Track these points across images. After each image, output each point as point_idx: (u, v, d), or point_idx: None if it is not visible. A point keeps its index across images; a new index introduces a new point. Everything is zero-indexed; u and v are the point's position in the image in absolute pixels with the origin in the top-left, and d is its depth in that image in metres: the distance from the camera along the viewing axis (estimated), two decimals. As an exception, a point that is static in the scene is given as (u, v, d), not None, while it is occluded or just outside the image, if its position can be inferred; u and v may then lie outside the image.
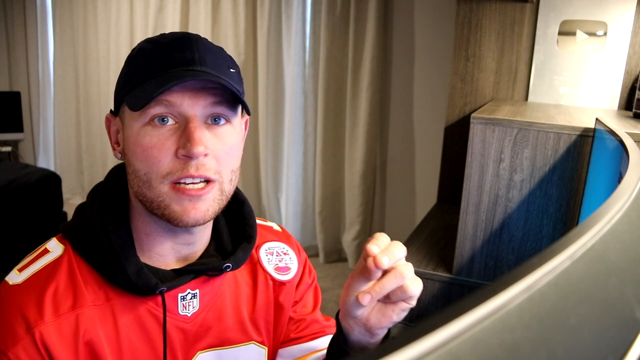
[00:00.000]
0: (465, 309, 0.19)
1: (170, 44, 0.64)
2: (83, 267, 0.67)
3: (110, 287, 0.67)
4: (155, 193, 0.63)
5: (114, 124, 0.71)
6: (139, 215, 0.69)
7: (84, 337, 0.64)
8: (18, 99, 4.22)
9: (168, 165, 0.62)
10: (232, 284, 0.77)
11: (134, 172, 0.64)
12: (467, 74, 2.15)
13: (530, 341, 0.20)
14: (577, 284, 0.24)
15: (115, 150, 0.70)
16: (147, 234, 0.69)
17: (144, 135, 0.62)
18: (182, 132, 0.62)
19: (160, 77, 0.62)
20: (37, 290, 0.64)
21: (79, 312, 0.64)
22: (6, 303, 0.64)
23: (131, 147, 0.64)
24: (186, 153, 0.61)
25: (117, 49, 4.01)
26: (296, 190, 3.53)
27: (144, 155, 0.62)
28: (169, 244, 0.70)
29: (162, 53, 0.64)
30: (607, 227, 0.29)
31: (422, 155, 3.25)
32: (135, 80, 0.64)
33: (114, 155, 0.71)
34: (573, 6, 1.96)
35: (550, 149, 1.33)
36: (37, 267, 0.67)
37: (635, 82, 1.92)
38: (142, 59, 0.65)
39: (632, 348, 0.25)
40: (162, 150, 0.62)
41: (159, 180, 0.62)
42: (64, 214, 3.07)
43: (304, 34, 3.36)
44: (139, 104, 0.61)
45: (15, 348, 0.61)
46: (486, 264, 1.46)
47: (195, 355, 0.72)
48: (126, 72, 0.67)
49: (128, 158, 0.65)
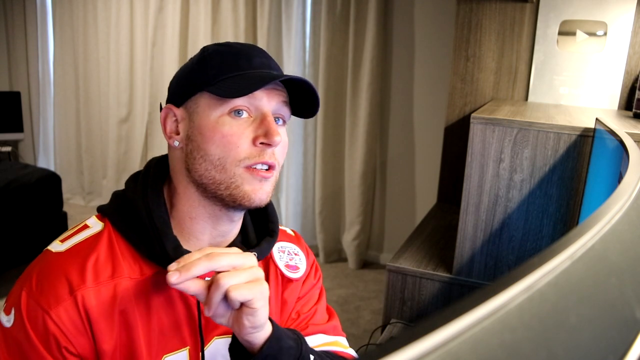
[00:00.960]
0: (465, 309, 0.19)
1: (247, 48, 0.74)
2: (121, 242, 0.72)
3: (145, 263, 0.72)
4: (228, 175, 0.70)
5: (176, 114, 0.75)
6: (187, 201, 0.74)
7: (120, 306, 0.68)
8: (18, 99, 4.22)
9: (245, 150, 0.70)
10: None
11: (204, 156, 0.70)
12: (467, 74, 2.15)
13: (530, 341, 0.20)
14: (577, 284, 0.24)
15: (172, 139, 0.74)
16: (191, 217, 0.74)
17: (222, 123, 0.70)
18: (260, 123, 0.71)
19: (249, 74, 0.71)
20: (79, 258, 0.69)
21: (117, 281, 0.69)
22: (51, 267, 0.68)
23: (207, 134, 0.70)
24: (267, 141, 0.70)
25: (117, 49, 4.01)
26: (296, 190, 3.53)
27: (223, 141, 0.69)
28: (209, 230, 0.75)
29: (245, 55, 0.73)
30: (607, 227, 0.29)
31: (422, 155, 3.25)
32: (220, 75, 0.71)
33: (170, 145, 0.75)
34: (573, 6, 1.96)
35: (550, 149, 1.33)
36: (79, 239, 0.72)
37: (635, 82, 1.92)
38: (225, 58, 0.72)
39: (632, 348, 0.25)
40: (242, 137, 0.70)
41: (235, 163, 0.70)
42: (64, 214, 3.07)
43: (304, 34, 3.36)
44: (234, 94, 0.68)
45: (57, 308, 0.65)
46: (486, 264, 1.46)
47: (212, 340, 0.77)
48: (202, 67, 0.73)
49: (198, 144, 0.71)
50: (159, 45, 3.86)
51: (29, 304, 0.65)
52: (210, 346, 0.77)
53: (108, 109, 4.15)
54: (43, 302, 0.65)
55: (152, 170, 0.77)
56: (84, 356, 0.67)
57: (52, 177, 2.98)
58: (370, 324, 2.66)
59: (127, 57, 3.98)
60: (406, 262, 1.59)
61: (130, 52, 3.98)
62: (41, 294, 0.66)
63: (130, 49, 3.98)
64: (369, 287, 3.15)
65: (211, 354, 0.77)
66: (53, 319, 0.64)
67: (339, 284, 3.18)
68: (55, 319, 0.64)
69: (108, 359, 0.67)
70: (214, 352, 0.77)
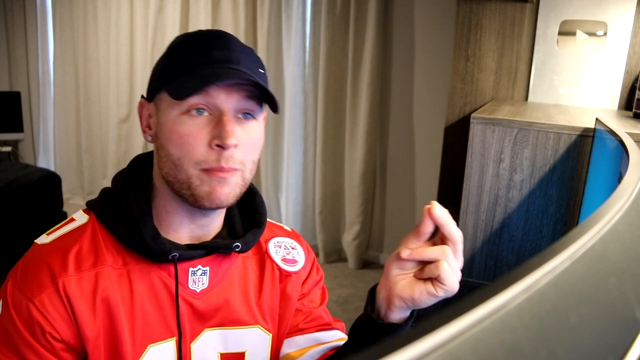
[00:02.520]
0: (465, 309, 0.19)
1: (209, 40, 0.71)
2: (105, 234, 0.73)
3: (128, 253, 0.73)
4: (186, 175, 0.69)
5: (147, 109, 0.75)
6: (162, 195, 0.75)
7: (102, 294, 0.69)
8: (18, 99, 4.22)
9: (201, 153, 0.68)
10: (241, 269, 0.81)
11: (166, 155, 0.70)
12: (467, 74, 2.15)
13: (530, 341, 0.20)
14: (577, 284, 0.24)
15: (146, 134, 0.75)
16: (167, 211, 0.75)
17: (180, 123, 0.68)
18: (216, 123, 0.68)
19: (201, 71, 0.68)
20: (62, 249, 0.71)
21: (99, 270, 0.70)
22: (35, 258, 0.71)
23: (166, 133, 0.70)
24: (220, 143, 0.67)
25: (117, 49, 4.01)
26: (296, 190, 3.53)
27: (180, 142, 0.68)
28: (186, 223, 0.76)
29: (202, 49, 0.70)
30: (607, 227, 0.29)
31: (422, 155, 3.25)
32: (176, 72, 0.69)
33: (144, 138, 0.76)
34: (573, 6, 1.96)
35: (550, 149, 1.33)
36: (64, 231, 0.74)
37: (635, 82, 1.92)
38: (184, 53, 0.71)
39: (632, 348, 0.25)
40: (198, 139, 0.68)
41: (191, 165, 0.68)
42: (64, 214, 3.07)
43: (304, 34, 3.36)
44: (183, 94, 0.67)
45: (40, 296, 0.66)
46: (486, 264, 1.46)
47: (203, 332, 0.77)
48: (166, 63, 0.72)
49: (161, 142, 0.71)
50: (159, 45, 3.86)
51: (14, 293, 0.67)
52: (200, 338, 0.77)
53: (108, 109, 4.15)
54: (27, 291, 0.67)
55: (136, 166, 0.78)
56: (68, 342, 0.68)
57: (52, 177, 2.98)
58: (370, 324, 2.65)
59: (127, 57, 3.98)
60: (406, 262, 1.59)
61: (130, 52, 3.98)
62: (25, 282, 0.68)
63: (130, 49, 3.97)
64: (369, 287, 3.15)
65: (201, 346, 0.77)
66: (36, 306, 0.66)
67: (339, 284, 3.18)
68: (38, 306, 0.66)
69: (92, 345, 0.68)
70: (204, 344, 0.77)
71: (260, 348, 0.81)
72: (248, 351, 0.80)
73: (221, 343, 0.78)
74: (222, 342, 0.78)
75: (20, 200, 2.77)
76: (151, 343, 0.73)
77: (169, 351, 0.74)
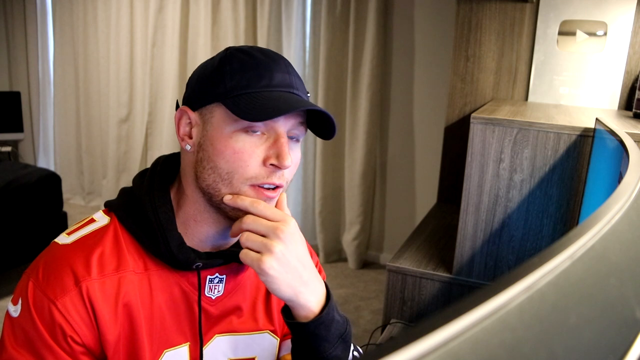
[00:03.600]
0: (465, 309, 0.19)
1: (269, 61, 0.71)
2: (127, 237, 0.73)
3: (149, 259, 0.73)
4: (234, 190, 0.70)
5: (190, 118, 0.73)
6: (192, 204, 0.75)
7: (124, 299, 0.70)
8: (18, 99, 4.22)
9: (254, 170, 0.69)
10: (253, 276, 0.83)
11: (213, 167, 0.70)
12: (467, 74, 2.15)
13: (530, 341, 0.20)
14: (577, 284, 0.24)
15: (185, 142, 0.73)
16: (196, 220, 0.75)
17: (236, 139, 0.69)
18: (272, 144, 0.70)
19: (270, 93, 0.69)
20: (85, 251, 0.70)
21: (121, 275, 0.70)
22: (57, 259, 0.70)
23: (218, 147, 0.69)
24: (278, 164, 0.69)
25: (117, 49, 4.01)
26: (296, 190, 3.53)
27: (234, 157, 0.69)
28: (212, 234, 0.76)
29: (264, 69, 0.70)
30: (607, 227, 0.29)
31: (422, 155, 3.25)
32: (238, 89, 0.69)
33: (182, 147, 0.74)
34: (573, 6, 1.96)
35: (550, 149, 1.33)
36: (85, 232, 0.73)
37: (635, 82, 1.92)
38: (244, 69, 0.70)
39: (632, 348, 0.25)
40: (253, 156, 0.69)
41: (242, 180, 0.69)
42: (64, 214, 3.07)
43: (304, 34, 3.36)
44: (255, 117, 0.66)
45: (63, 299, 0.66)
46: (486, 264, 1.46)
47: (213, 338, 0.78)
48: (221, 75, 0.70)
49: (208, 154, 0.70)
50: (159, 46, 3.86)
51: (36, 294, 0.67)
52: (211, 343, 0.78)
53: (108, 109, 4.15)
54: (49, 292, 0.66)
55: (159, 169, 0.77)
56: (88, 346, 0.68)
57: (52, 177, 2.97)
58: (370, 324, 2.66)
59: (127, 57, 3.98)
60: (406, 262, 1.59)
61: (130, 52, 3.98)
62: (47, 284, 0.67)
63: (130, 49, 3.97)
64: (369, 287, 3.15)
65: (212, 351, 0.78)
66: (59, 309, 0.66)
67: (339, 284, 3.18)
68: (61, 309, 0.66)
69: (112, 349, 0.69)
70: (214, 350, 0.78)
71: (269, 353, 0.83)
72: (258, 356, 0.82)
73: (231, 348, 0.79)
74: (232, 348, 0.79)
75: (20, 200, 2.77)
76: (167, 348, 0.74)
77: (183, 356, 0.75)
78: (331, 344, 0.70)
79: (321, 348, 0.70)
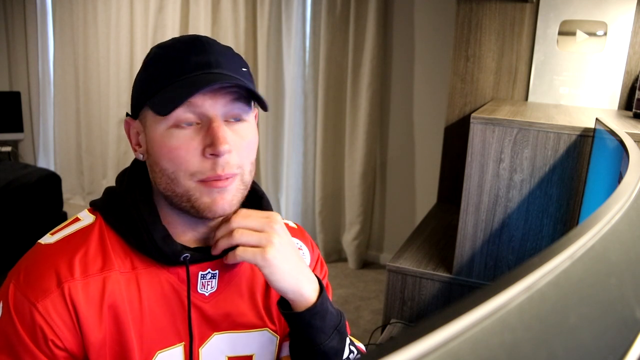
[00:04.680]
0: (465, 309, 0.19)
1: (184, 48, 0.68)
2: (112, 236, 0.71)
3: (136, 256, 0.71)
4: (184, 188, 0.68)
5: (134, 127, 0.73)
6: (161, 207, 0.73)
7: (109, 300, 0.67)
8: (18, 99, 4.22)
9: (195, 164, 0.66)
10: (249, 271, 0.81)
11: (160, 170, 0.68)
12: (467, 74, 2.15)
13: (530, 341, 0.20)
14: (577, 284, 0.24)
15: (137, 152, 0.73)
16: (168, 222, 0.73)
17: (169, 137, 0.66)
18: (206, 131, 0.66)
19: (182, 81, 0.66)
20: (69, 251, 0.68)
21: (106, 275, 0.68)
22: (39, 259, 0.68)
23: (157, 148, 0.68)
24: (213, 152, 0.65)
25: (117, 49, 4.01)
26: (296, 190, 3.53)
27: (171, 155, 0.66)
28: (189, 232, 0.75)
29: (179, 58, 0.67)
30: (607, 227, 0.29)
31: (422, 155, 3.25)
32: (155, 86, 0.67)
33: (136, 157, 0.74)
34: (573, 6, 1.96)
35: (550, 149, 1.33)
36: (69, 231, 0.71)
37: (635, 82, 1.92)
38: (160, 65, 0.68)
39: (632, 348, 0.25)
40: (189, 150, 0.66)
41: (187, 177, 0.67)
42: (64, 214, 3.07)
43: (304, 34, 3.36)
44: (166, 109, 0.64)
45: (44, 301, 0.64)
46: (486, 264, 1.46)
47: (212, 336, 0.76)
48: (144, 77, 0.70)
49: (154, 158, 0.69)
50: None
51: (16, 296, 0.65)
52: (209, 342, 0.76)
53: (108, 109, 4.15)
54: (30, 295, 0.64)
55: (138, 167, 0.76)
56: (71, 351, 0.65)
57: (52, 177, 2.97)
58: (370, 324, 2.66)
59: (127, 57, 3.98)
60: (406, 262, 1.59)
61: (130, 52, 3.98)
62: (28, 286, 0.65)
63: (130, 49, 3.97)
64: (369, 287, 3.15)
65: (210, 350, 0.76)
66: (40, 312, 0.63)
67: (339, 284, 3.18)
68: (42, 312, 0.64)
69: (96, 353, 0.66)
70: (213, 348, 0.76)
71: (268, 350, 0.81)
72: (256, 354, 0.80)
73: (229, 347, 0.77)
74: (231, 346, 0.77)
75: (20, 200, 2.77)
76: (160, 349, 0.71)
77: (177, 357, 0.73)
78: (327, 335, 0.70)
79: (317, 339, 0.70)
